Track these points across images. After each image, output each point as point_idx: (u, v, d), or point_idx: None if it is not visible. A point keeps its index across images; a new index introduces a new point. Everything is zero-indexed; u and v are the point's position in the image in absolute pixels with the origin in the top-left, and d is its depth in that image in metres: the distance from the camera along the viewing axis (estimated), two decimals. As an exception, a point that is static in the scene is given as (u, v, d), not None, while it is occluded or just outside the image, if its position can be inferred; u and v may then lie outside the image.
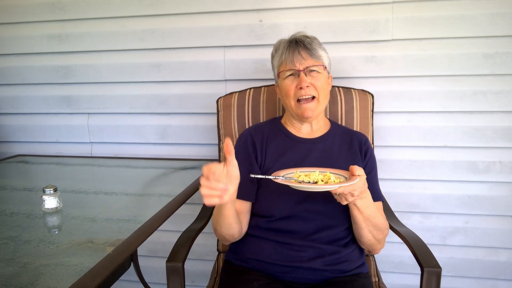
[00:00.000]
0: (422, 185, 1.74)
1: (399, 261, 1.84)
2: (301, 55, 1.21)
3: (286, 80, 1.23)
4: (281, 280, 1.15)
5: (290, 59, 1.21)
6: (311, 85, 1.20)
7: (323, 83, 1.23)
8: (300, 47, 1.22)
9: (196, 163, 1.78)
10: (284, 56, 1.23)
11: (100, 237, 1.00)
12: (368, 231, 1.14)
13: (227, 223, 1.11)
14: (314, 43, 1.24)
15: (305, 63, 1.21)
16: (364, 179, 1.02)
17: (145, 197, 1.37)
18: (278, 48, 1.28)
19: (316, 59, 1.22)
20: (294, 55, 1.21)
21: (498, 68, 1.59)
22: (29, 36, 1.89)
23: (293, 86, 1.22)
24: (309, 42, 1.23)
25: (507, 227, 1.72)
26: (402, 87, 1.66)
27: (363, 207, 1.09)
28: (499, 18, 1.55)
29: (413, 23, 1.60)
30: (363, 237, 1.16)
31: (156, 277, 1.97)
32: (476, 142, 1.66)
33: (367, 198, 1.09)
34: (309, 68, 1.21)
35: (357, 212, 1.10)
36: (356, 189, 1.00)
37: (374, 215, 1.12)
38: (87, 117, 1.94)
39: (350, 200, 1.03)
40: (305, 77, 1.20)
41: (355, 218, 1.12)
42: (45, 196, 1.13)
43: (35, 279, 0.80)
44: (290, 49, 1.22)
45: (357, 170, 1.01)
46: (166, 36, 1.78)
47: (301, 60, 1.21)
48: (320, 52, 1.23)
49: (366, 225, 1.13)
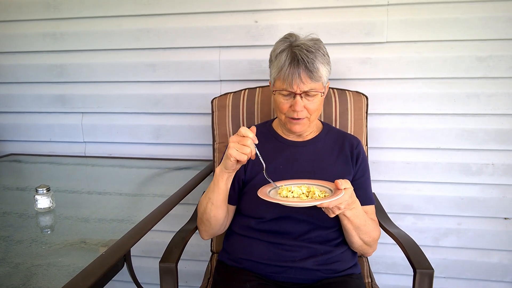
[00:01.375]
0: (415, 187, 1.75)
1: (392, 262, 1.85)
2: (301, 78, 1.12)
3: (281, 96, 1.18)
4: (274, 281, 1.15)
5: (288, 81, 1.13)
6: (304, 108, 1.17)
7: (318, 105, 1.19)
8: (301, 68, 1.12)
9: (190, 163, 1.78)
10: (282, 73, 1.14)
11: (93, 237, 0.99)
12: (358, 238, 1.16)
13: (221, 199, 1.13)
14: (317, 60, 1.13)
15: (303, 87, 1.14)
16: (350, 192, 1.03)
17: (139, 197, 1.36)
18: (276, 56, 1.17)
19: (316, 81, 1.14)
20: (293, 77, 1.12)
21: (491, 71, 1.60)
22: (24, 34, 1.88)
23: (286, 105, 1.18)
24: (312, 60, 1.12)
25: (499, 229, 1.74)
26: (396, 89, 1.67)
27: (353, 217, 1.10)
28: (493, 22, 1.56)
29: (408, 26, 1.61)
30: (353, 243, 1.17)
31: (150, 278, 1.96)
32: (469, 144, 1.67)
33: (356, 208, 1.10)
34: (306, 93, 1.15)
35: (347, 222, 1.12)
36: (342, 203, 1.01)
37: (364, 223, 1.13)
38: (81, 117, 1.93)
39: (337, 213, 1.04)
40: (300, 101, 1.15)
41: (345, 227, 1.14)
42: (37, 195, 1.12)
43: (27, 280, 0.79)
44: (290, 68, 1.13)
45: (343, 184, 1.01)
46: (161, 36, 1.78)
47: (299, 83, 1.13)
48: (321, 71, 1.14)
49: (356, 233, 1.14)
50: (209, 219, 1.18)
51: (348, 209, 1.07)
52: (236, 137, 1.01)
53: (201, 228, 1.24)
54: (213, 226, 1.20)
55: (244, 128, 1.01)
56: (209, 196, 1.15)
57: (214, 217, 1.17)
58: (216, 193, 1.13)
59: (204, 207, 1.17)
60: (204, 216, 1.19)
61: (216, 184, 1.12)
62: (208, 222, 1.19)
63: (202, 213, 1.19)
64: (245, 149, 0.99)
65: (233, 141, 1.01)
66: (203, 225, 1.22)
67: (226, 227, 1.25)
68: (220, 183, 1.11)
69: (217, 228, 1.21)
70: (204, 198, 1.18)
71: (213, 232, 1.23)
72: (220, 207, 1.15)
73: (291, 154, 1.25)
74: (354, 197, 1.08)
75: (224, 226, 1.24)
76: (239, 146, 1.00)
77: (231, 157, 1.01)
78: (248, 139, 1.00)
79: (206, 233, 1.24)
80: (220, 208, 1.16)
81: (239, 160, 1.01)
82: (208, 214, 1.17)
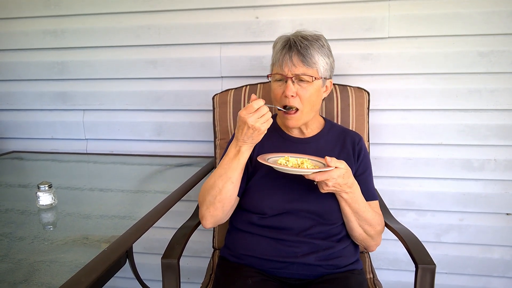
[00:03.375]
0: (417, 183, 1.74)
1: (394, 258, 1.85)
2: (292, 61, 1.13)
3: (275, 83, 1.19)
4: (276, 276, 1.15)
5: (279, 63, 1.15)
6: (296, 95, 1.15)
7: (311, 95, 1.16)
8: (293, 51, 1.13)
9: (191, 160, 1.78)
10: (275, 58, 1.18)
11: (95, 233, 1.00)
12: (357, 224, 1.16)
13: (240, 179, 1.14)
14: (313, 47, 1.14)
15: (294, 70, 1.13)
16: (341, 172, 1.05)
17: (141, 194, 1.36)
18: (275, 44, 1.21)
19: (309, 66, 1.13)
20: (284, 59, 1.14)
21: (493, 66, 1.59)
22: (24, 32, 1.88)
23: (280, 91, 1.17)
24: (306, 46, 1.13)
25: (501, 225, 1.73)
26: (397, 85, 1.66)
27: (350, 200, 1.12)
28: (495, 16, 1.55)
29: (409, 21, 1.60)
30: (353, 230, 1.17)
31: (152, 274, 1.97)
32: (470, 140, 1.67)
33: (354, 192, 1.11)
34: (298, 77, 1.14)
35: (345, 204, 1.13)
36: (329, 179, 1.04)
37: (364, 210, 1.14)
38: (83, 114, 1.94)
39: (326, 189, 1.07)
40: (292, 86, 1.13)
41: (343, 210, 1.15)
42: (39, 192, 1.12)
43: (29, 276, 0.80)
44: (282, 51, 1.15)
45: (333, 161, 1.05)
46: (162, 32, 1.77)
47: (290, 66, 1.13)
48: (316, 58, 1.14)
49: (355, 218, 1.15)
50: (224, 199, 1.12)
51: (342, 191, 1.09)
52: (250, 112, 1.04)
53: (210, 213, 1.15)
54: (225, 209, 1.15)
55: (256, 102, 1.03)
56: (229, 175, 1.10)
57: (230, 197, 1.13)
58: (238, 171, 1.12)
59: (220, 188, 1.11)
60: (218, 198, 1.12)
61: (238, 161, 1.10)
62: (221, 203, 1.13)
63: (216, 195, 1.12)
64: (267, 116, 1.04)
65: (250, 115, 1.04)
66: (213, 208, 1.14)
67: (230, 215, 1.22)
68: (242, 159, 1.11)
69: (227, 211, 1.16)
70: (219, 179, 1.12)
71: (220, 217, 1.17)
72: (237, 185, 1.15)
73: (294, 151, 1.25)
74: (350, 180, 1.09)
75: (231, 212, 1.20)
76: (263, 118, 1.04)
77: (261, 129, 1.05)
78: (263, 107, 1.04)
79: (213, 218, 1.16)
80: (237, 186, 1.15)
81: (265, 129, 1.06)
82: (225, 194, 1.12)
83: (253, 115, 1.03)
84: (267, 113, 1.04)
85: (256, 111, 1.03)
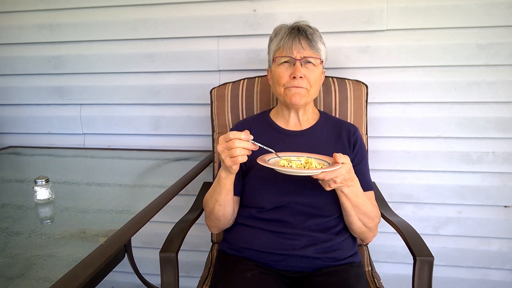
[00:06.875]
0: (416, 176, 1.74)
1: (392, 251, 1.85)
2: (301, 44, 1.19)
3: (281, 66, 1.22)
4: (274, 269, 1.15)
5: (288, 46, 1.19)
6: (304, 76, 1.19)
7: (317, 77, 1.22)
8: (302, 35, 1.20)
9: (189, 154, 1.78)
10: (283, 42, 1.20)
11: (93, 228, 0.99)
12: (357, 218, 1.15)
13: (228, 199, 1.15)
14: (316, 35, 1.22)
15: (303, 52, 1.19)
16: (348, 167, 1.03)
17: (138, 188, 1.36)
18: (278, 32, 1.25)
19: (315, 51, 1.20)
20: (294, 42, 1.19)
21: (492, 59, 1.59)
22: (20, 26, 1.86)
23: (286, 74, 1.21)
24: (311, 32, 1.21)
25: (499, 217, 1.74)
26: (396, 78, 1.66)
27: (351, 194, 1.10)
28: (494, 8, 1.55)
29: (408, 13, 1.59)
30: (353, 224, 1.17)
31: (151, 268, 1.97)
32: (469, 132, 1.67)
33: (354, 186, 1.10)
34: (306, 59, 1.20)
35: (345, 199, 1.12)
36: (338, 176, 1.01)
37: (363, 203, 1.13)
38: (80, 108, 1.93)
39: (333, 186, 1.04)
40: (300, 67, 1.19)
41: (343, 205, 1.14)
42: (37, 187, 1.12)
43: (26, 270, 0.79)
44: (291, 35, 1.20)
45: (341, 158, 1.02)
46: (159, 26, 1.76)
47: (300, 49, 1.19)
48: (319, 45, 1.21)
49: (355, 212, 1.14)
50: (218, 218, 1.19)
51: (345, 186, 1.07)
52: (225, 139, 0.99)
53: (210, 225, 1.26)
54: (222, 222, 1.22)
55: (232, 133, 0.98)
56: (216, 198, 1.15)
57: (223, 215, 1.18)
58: (223, 194, 1.13)
59: (211, 208, 1.18)
60: (212, 216, 1.20)
61: (223, 186, 1.12)
62: (217, 220, 1.21)
63: (210, 212, 1.20)
64: (234, 152, 0.98)
65: (221, 143, 1.00)
66: (212, 222, 1.23)
67: (234, 218, 1.25)
68: (227, 185, 1.11)
69: (226, 223, 1.23)
70: (210, 199, 1.18)
71: (223, 226, 1.25)
72: (227, 206, 1.17)
73: (289, 144, 1.25)
74: (353, 174, 1.08)
75: (233, 219, 1.24)
76: (229, 152, 0.99)
77: (232, 164, 1.00)
78: (235, 141, 0.97)
79: (216, 228, 1.25)
80: (228, 206, 1.17)
81: (237, 163, 1.00)
82: (216, 214, 1.18)
83: (222, 144, 1.00)
84: (236, 149, 0.97)
85: (227, 142, 0.99)
